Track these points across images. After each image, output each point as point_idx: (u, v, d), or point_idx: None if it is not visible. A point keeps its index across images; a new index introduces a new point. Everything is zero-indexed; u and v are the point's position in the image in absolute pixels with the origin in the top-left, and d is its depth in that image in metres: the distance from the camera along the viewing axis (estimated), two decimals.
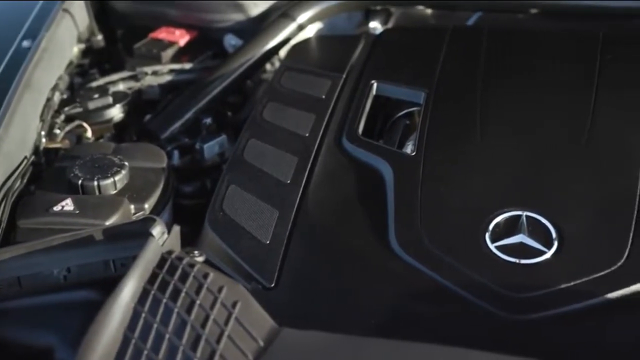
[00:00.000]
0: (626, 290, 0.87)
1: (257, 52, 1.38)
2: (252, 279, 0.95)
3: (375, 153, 1.08)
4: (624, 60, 1.19)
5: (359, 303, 0.92)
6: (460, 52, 1.26)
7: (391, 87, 1.22)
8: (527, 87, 1.17)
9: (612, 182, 0.99)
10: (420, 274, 0.93)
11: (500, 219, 0.96)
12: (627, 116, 1.08)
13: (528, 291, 0.89)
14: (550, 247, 0.92)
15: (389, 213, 1.00)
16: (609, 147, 1.04)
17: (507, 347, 0.86)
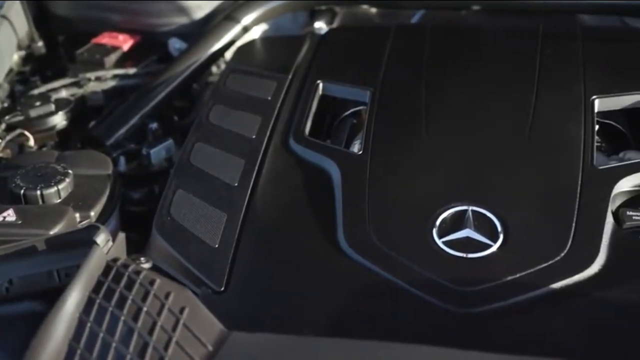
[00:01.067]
0: (569, 280, 0.89)
1: (202, 55, 1.37)
2: (202, 284, 0.94)
3: (322, 153, 1.08)
4: (563, 55, 1.21)
5: (309, 304, 0.92)
6: (405, 50, 1.27)
7: (337, 87, 1.22)
8: (471, 83, 1.19)
9: (554, 175, 1.01)
10: (370, 272, 0.93)
11: (447, 215, 0.97)
12: (566, 110, 1.10)
13: (476, 285, 0.90)
14: (496, 240, 0.94)
15: (337, 213, 1.00)
16: (550, 140, 1.06)
17: (457, 340, 0.87)
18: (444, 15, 1.48)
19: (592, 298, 0.88)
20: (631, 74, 1.17)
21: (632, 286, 0.88)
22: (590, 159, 1.02)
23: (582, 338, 0.86)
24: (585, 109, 1.10)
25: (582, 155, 1.02)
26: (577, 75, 1.16)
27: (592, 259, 0.90)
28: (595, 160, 1.02)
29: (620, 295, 0.88)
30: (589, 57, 1.19)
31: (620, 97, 1.13)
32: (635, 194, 1.00)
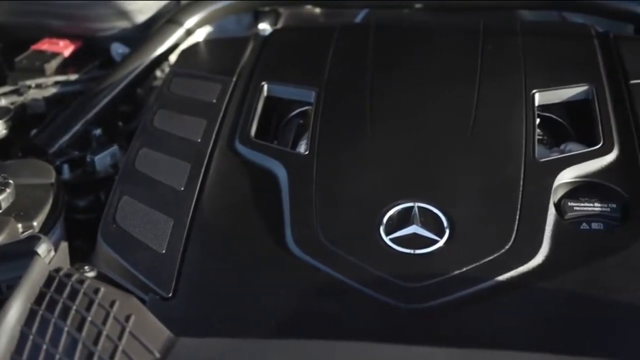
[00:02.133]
0: (514, 272, 0.90)
1: (145, 60, 1.36)
2: (150, 290, 0.93)
3: (268, 154, 1.08)
4: (503, 50, 1.23)
5: (258, 306, 0.91)
6: (349, 49, 1.28)
7: (282, 88, 1.22)
8: (415, 81, 1.20)
9: (497, 169, 1.03)
10: (318, 272, 0.93)
11: (394, 212, 0.98)
12: (508, 104, 1.12)
13: (423, 280, 0.90)
14: (442, 235, 0.95)
15: (285, 214, 1.00)
16: (492, 135, 1.08)
17: (407, 336, 0.87)
18: (387, 14, 1.49)
19: (537, 289, 0.89)
20: (569, 68, 1.19)
21: (574, 276, 0.90)
22: (532, 152, 1.04)
23: (528, 328, 0.87)
24: (526, 103, 1.11)
25: (524, 149, 1.04)
26: (518, 70, 1.18)
27: (535, 250, 0.92)
28: (537, 153, 1.04)
29: (564, 285, 0.89)
30: (528, 52, 1.21)
31: (559, 90, 1.15)
32: (576, 185, 1.02)
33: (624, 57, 1.19)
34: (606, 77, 1.16)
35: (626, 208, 0.97)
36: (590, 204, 0.98)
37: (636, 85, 1.14)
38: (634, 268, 0.89)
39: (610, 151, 1.03)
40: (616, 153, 1.04)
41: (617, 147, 1.04)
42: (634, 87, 1.13)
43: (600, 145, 1.04)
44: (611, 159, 1.03)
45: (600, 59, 1.20)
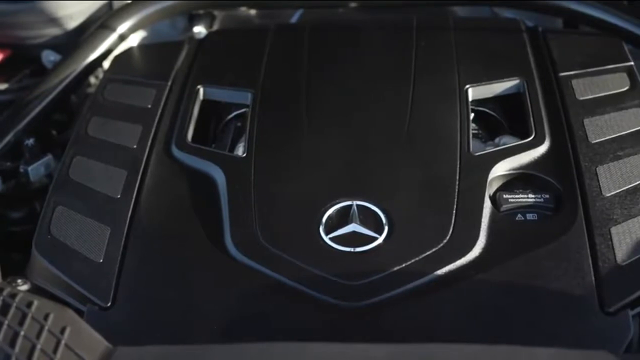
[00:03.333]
0: (452, 265, 0.92)
1: (78, 67, 1.33)
2: (88, 301, 0.92)
3: (206, 158, 1.07)
4: (436, 47, 1.24)
5: (199, 311, 0.91)
6: (284, 50, 1.27)
7: (218, 90, 1.21)
8: (350, 79, 1.20)
9: (434, 164, 1.04)
10: (259, 274, 0.93)
11: (333, 211, 0.98)
12: (442, 100, 1.13)
13: (364, 278, 0.91)
14: (381, 232, 0.95)
15: (224, 217, 0.99)
16: (428, 131, 1.09)
17: (350, 334, 0.88)
18: (322, 13, 1.49)
19: (475, 281, 0.91)
20: (501, 62, 1.21)
21: (510, 266, 0.92)
22: (467, 146, 1.05)
23: (467, 320, 0.88)
24: (460, 98, 1.13)
25: (459, 143, 1.05)
26: (451, 66, 1.19)
27: (472, 243, 0.93)
28: (472, 147, 1.06)
29: (500, 276, 0.91)
30: (461, 48, 1.23)
31: (491, 85, 1.17)
32: (511, 177, 1.03)
33: (553, 51, 1.22)
34: (536, 70, 1.18)
35: (558, 198, 1.00)
36: (525, 196, 1.00)
37: (565, 78, 1.16)
38: (566, 256, 0.91)
39: (542, 143, 1.06)
40: (548, 144, 1.06)
41: (549, 138, 1.06)
42: (563, 79, 1.16)
43: (532, 138, 1.06)
44: (543, 151, 1.05)
45: (530, 53, 1.22)
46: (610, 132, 1.07)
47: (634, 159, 1.02)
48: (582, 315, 0.86)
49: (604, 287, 0.88)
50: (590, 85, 1.15)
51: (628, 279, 0.89)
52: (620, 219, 0.95)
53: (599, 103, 1.11)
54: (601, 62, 1.19)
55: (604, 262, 0.90)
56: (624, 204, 0.96)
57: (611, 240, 0.93)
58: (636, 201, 0.97)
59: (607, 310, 0.86)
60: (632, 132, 1.06)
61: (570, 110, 1.11)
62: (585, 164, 1.02)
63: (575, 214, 0.96)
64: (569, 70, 1.18)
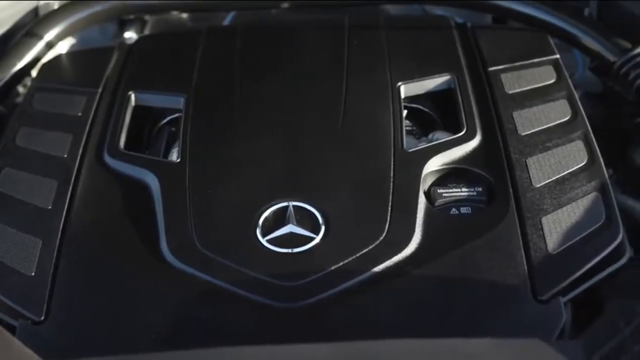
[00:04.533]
0: (389, 262, 0.92)
1: (4, 76, 1.29)
2: (20, 315, 0.89)
3: (139, 165, 1.06)
4: (368, 45, 1.25)
5: (136, 320, 0.90)
6: (216, 52, 1.27)
7: (150, 96, 1.19)
8: (284, 80, 1.20)
9: (368, 162, 1.04)
10: (197, 280, 0.92)
11: (269, 213, 0.98)
12: (375, 98, 1.14)
13: (302, 278, 0.91)
14: (318, 232, 0.95)
15: (159, 223, 0.98)
16: (362, 129, 1.09)
17: (289, 336, 0.88)
18: (255, 15, 1.49)
19: (412, 276, 0.91)
20: (432, 59, 1.23)
21: (446, 260, 0.93)
22: (401, 143, 1.06)
23: (405, 315, 0.89)
24: (393, 96, 1.14)
25: (393, 141, 1.06)
26: (383, 64, 1.20)
27: (408, 239, 0.94)
28: (405, 144, 1.06)
29: (437, 270, 0.92)
30: (392, 46, 1.24)
31: (423, 82, 1.18)
32: (444, 172, 1.05)
33: (482, 46, 1.24)
34: (466, 66, 1.20)
35: (491, 191, 1.01)
36: (458, 190, 1.01)
37: (494, 72, 1.18)
38: (499, 248, 0.93)
39: (474, 137, 1.07)
40: (479, 138, 1.07)
41: (480, 132, 1.08)
42: (492, 73, 1.18)
43: (463, 133, 1.08)
44: (475, 145, 1.07)
45: (460, 49, 1.24)
46: (539, 124, 1.09)
47: (562, 150, 1.05)
48: (516, 305, 0.88)
49: (537, 276, 0.90)
50: (518, 79, 1.17)
51: (559, 266, 0.91)
52: (550, 208, 0.97)
53: (527, 96, 1.14)
54: (528, 56, 1.21)
55: (535, 252, 0.92)
56: (553, 194, 0.99)
57: (542, 230, 0.95)
58: (565, 191, 0.99)
59: (540, 298, 0.88)
60: (559, 123, 1.09)
61: (500, 104, 1.13)
62: (516, 156, 1.04)
63: (507, 205, 0.98)
64: (498, 64, 1.20)
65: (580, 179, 1.00)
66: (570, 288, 0.90)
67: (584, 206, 0.97)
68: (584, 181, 1.00)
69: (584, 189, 0.99)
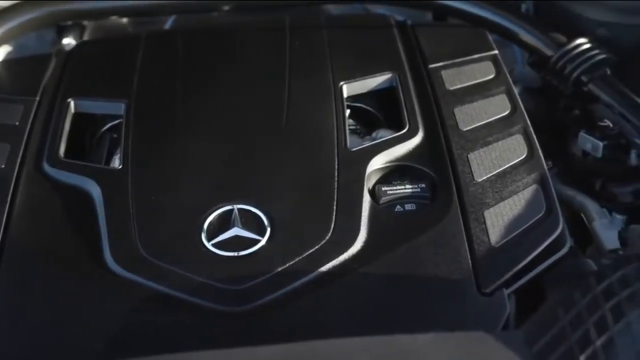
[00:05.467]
0: (336, 261, 0.92)
1: None
2: None
3: (80, 173, 1.04)
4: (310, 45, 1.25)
5: (81, 331, 0.88)
6: (157, 57, 1.25)
7: (90, 103, 1.18)
8: (226, 83, 1.19)
9: (312, 162, 1.05)
10: (142, 287, 0.91)
11: (214, 217, 0.97)
12: (318, 98, 1.14)
13: (249, 281, 0.91)
14: (264, 234, 0.95)
15: (102, 232, 0.97)
16: (305, 130, 1.10)
17: (238, 339, 0.87)
18: (195, 18, 1.48)
19: (358, 274, 0.92)
20: (374, 58, 1.23)
21: (391, 257, 0.93)
22: (344, 142, 1.07)
23: (353, 313, 0.89)
24: (335, 96, 1.14)
25: (336, 140, 1.07)
26: (325, 64, 1.20)
27: (354, 238, 0.94)
28: (349, 143, 1.07)
29: (383, 267, 0.92)
30: (334, 46, 1.25)
31: (365, 81, 1.18)
32: (388, 169, 1.05)
33: (422, 43, 1.25)
34: (407, 63, 1.21)
35: (434, 187, 1.02)
36: (402, 187, 1.02)
37: (435, 69, 1.20)
38: (444, 243, 0.94)
39: (416, 134, 1.08)
40: (421, 135, 1.08)
41: (422, 129, 1.09)
42: (433, 70, 1.19)
43: (406, 130, 1.09)
44: (417, 142, 1.08)
45: (401, 47, 1.25)
46: (479, 119, 1.10)
47: (502, 144, 1.06)
48: (461, 299, 0.89)
49: (480, 270, 0.91)
50: (458, 75, 1.19)
51: (502, 259, 0.92)
52: (492, 202, 0.98)
53: (468, 92, 1.15)
54: (468, 53, 1.23)
55: (479, 246, 0.93)
56: (495, 188, 1.00)
57: (485, 224, 0.96)
58: (506, 184, 1.01)
59: (484, 291, 0.89)
60: (499, 117, 1.11)
61: (441, 100, 1.14)
62: (458, 152, 1.05)
63: (450, 201, 0.99)
64: (438, 61, 1.21)
65: (520, 172, 1.02)
66: (514, 280, 0.91)
67: (525, 198, 0.99)
68: (524, 174, 1.02)
69: (524, 181, 1.01)
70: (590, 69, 1.22)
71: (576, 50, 1.24)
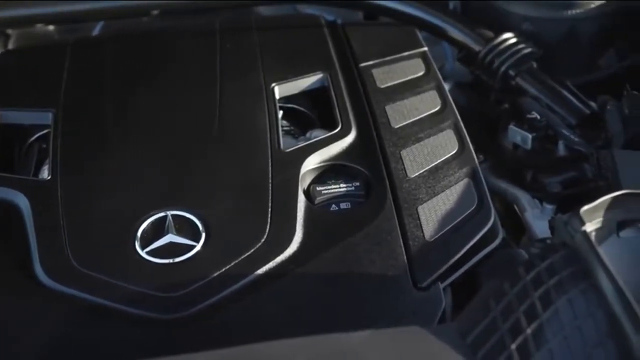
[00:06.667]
0: (272, 263, 0.92)
1: None
2: None
3: (6, 185, 1.01)
4: (241, 48, 1.25)
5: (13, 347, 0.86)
6: (85, 64, 1.23)
7: (16, 113, 1.15)
8: (156, 88, 1.18)
9: (246, 165, 1.04)
10: (76, 299, 0.89)
11: (147, 224, 0.96)
12: (250, 100, 1.14)
13: (185, 288, 0.90)
14: (199, 240, 0.94)
15: (32, 245, 0.94)
16: (238, 132, 1.09)
17: (177, 347, 0.86)
18: (124, 23, 1.46)
19: (295, 275, 0.92)
20: (305, 58, 1.24)
21: (328, 256, 0.93)
22: (277, 143, 1.06)
23: (291, 314, 0.89)
24: (267, 97, 1.14)
25: (269, 142, 1.06)
26: (256, 66, 1.20)
27: (290, 239, 0.94)
28: (282, 144, 1.07)
29: (320, 267, 0.92)
30: (265, 47, 1.24)
31: (297, 81, 1.19)
32: (322, 169, 1.06)
33: (353, 43, 1.26)
34: (338, 63, 1.22)
35: (368, 185, 1.03)
36: (337, 186, 1.03)
37: (365, 68, 1.20)
38: (379, 240, 0.94)
39: (349, 133, 1.09)
40: (354, 134, 1.09)
41: (355, 128, 1.10)
42: (364, 69, 1.20)
43: (339, 129, 1.09)
44: (350, 141, 1.08)
45: (332, 47, 1.25)
46: (411, 116, 1.12)
47: (434, 140, 1.08)
48: (397, 295, 0.90)
49: (415, 265, 0.92)
50: (389, 73, 1.20)
51: (436, 253, 0.93)
52: (425, 197, 1.00)
53: (399, 89, 1.17)
54: (398, 50, 1.24)
55: (413, 241, 0.94)
56: (428, 183, 1.01)
57: (419, 219, 0.97)
58: (438, 179, 1.02)
59: (420, 286, 0.90)
60: (430, 114, 1.12)
61: (373, 98, 1.15)
62: (390, 149, 1.06)
63: (384, 198, 1.00)
64: (369, 60, 1.22)
65: (452, 166, 1.04)
66: (448, 273, 0.92)
67: (457, 193, 1.00)
68: (455, 168, 1.03)
69: (456, 176, 1.02)
70: (517, 63, 1.25)
71: (503, 45, 1.26)
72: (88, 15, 1.39)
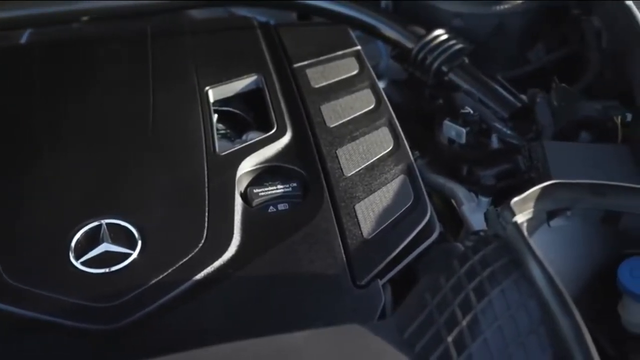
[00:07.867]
0: (211, 267, 0.91)
1: None
2: None
3: None
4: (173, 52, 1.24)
5: None
6: (13, 72, 1.20)
7: None
8: (89, 94, 1.16)
9: (181, 170, 1.03)
10: (9, 314, 0.87)
11: (81, 234, 0.94)
12: (184, 105, 1.13)
13: (122, 297, 0.88)
14: (135, 247, 0.93)
15: None
16: (172, 138, 1.08)
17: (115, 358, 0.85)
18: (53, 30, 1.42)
19: (235, 278, 0.91)
20: (238, 60, 1.23)
21: (267, 258, 0.93)
22: (212, 147, 1.06)
23: (232, 318, 0.88)
24: (201, 101, 1.13)
25: (204, 145, 1.05)
26: (189, 69, 1.19)
27: (228, 243, 0.94)
28: (218, 147, 1.06)
29: (259, 269, 0.92)
30: (198, 50, 1.24)
31: (231, 84, 1.18)
32: (259, 171, 1.05)
33: (286, 43, 1.26)
34: (272, 64, 1.22)
35: (305, 185, 1.03)
36: (274, 187, 1.02)
37: (299, 68, 1.21)
38: (318, 239, 0.94)
39: (284, 134, 1.09)
40: (290, 135, 1.09)
41: (290, 129, 1.10)
42: (298, 70, 1.20)
43: (274, 131, 1.09)
44: (286, 142, 1.08)
45: (265, 48, 1.25)
46: (346, 114, 1.12)
47: (369, 137, 1.08)
48: (337, 293, 0.90)
49: (354, 263, 0.92)
50: (323, 73, 1.20)
51: (374, 250, 0.94)
52: (362, 195, 1.00)
53: (333, 89, 1.17)
54: (331, 50, 1.25)
55: (352, 239, 0.95)
56: (364, 181, 1.02)
57: (356, 217, 0.97)
58: (375, 177, 1.02)
59: (359, 283, 0.90)
60: (364, 112, 1.13)
61: (308, 98, 1.15)
62: (326, 148, 1.06)
63: (321, 197, 1.00)
64: (303, 60, 1.22)
65: (388, 163, 1.04)
66: (387, 270, 0.93)
67: (393, 189, 1.01)
68: (391, 165, 1.04)
69: (392, 173, 1.03)
70: (449, 59, 1.27)
71: (435, 41, 1.28)
72: (16, 22, 1.36)
